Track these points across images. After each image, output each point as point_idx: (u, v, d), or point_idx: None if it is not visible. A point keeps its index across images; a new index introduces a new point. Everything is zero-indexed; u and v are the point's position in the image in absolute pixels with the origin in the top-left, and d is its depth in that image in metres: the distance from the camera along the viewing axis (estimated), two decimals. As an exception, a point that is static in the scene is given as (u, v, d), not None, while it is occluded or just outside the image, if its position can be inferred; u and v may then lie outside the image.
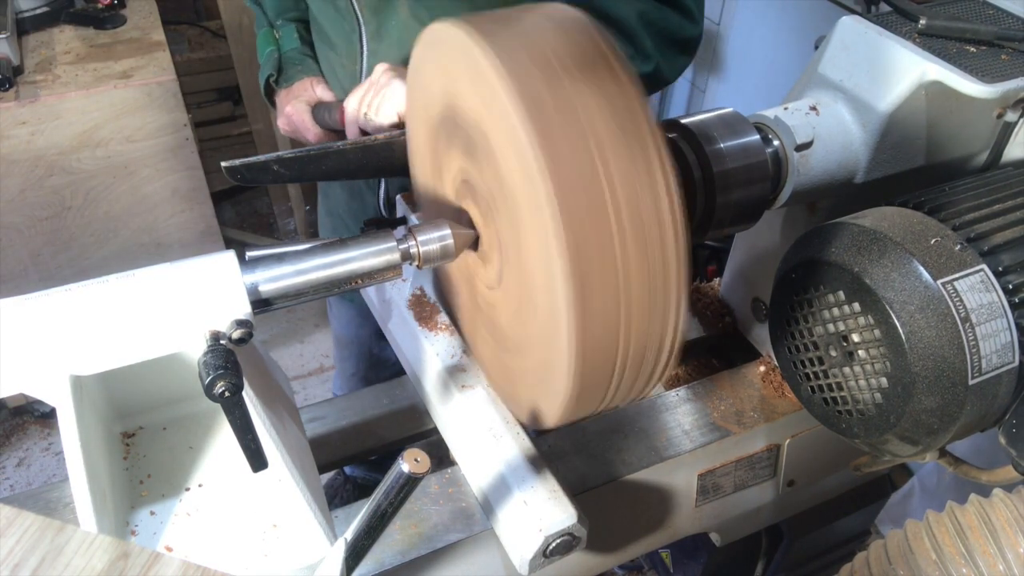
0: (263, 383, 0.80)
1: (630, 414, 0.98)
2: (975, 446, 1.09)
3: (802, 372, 0.83)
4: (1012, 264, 0.73)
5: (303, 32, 1.40)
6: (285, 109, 1.29)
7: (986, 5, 0.94)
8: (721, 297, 1.16)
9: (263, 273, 0.68)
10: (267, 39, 1.39)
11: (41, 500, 0.88)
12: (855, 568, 0.73)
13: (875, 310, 0.72)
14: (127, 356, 0.65)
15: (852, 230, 0.75)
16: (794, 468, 1.04)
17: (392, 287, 1.02)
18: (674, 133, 0.82)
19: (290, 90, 1.32)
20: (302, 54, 1.37)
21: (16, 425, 2.49)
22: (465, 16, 0.67)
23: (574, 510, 0.78)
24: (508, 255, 0.72)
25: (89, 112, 1.90)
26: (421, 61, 0.78)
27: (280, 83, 1.35)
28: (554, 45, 0.63)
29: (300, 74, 1.34)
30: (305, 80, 1.32)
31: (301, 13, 1.41)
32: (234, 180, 0.84)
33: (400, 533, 0.85)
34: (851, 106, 0.86)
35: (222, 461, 0.82)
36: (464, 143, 0.73)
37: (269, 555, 0.76)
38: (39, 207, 1.97)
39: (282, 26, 1.40)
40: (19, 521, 0.49)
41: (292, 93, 1.31)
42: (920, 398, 0.70)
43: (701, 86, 2.85)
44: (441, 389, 0.92)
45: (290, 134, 1.32)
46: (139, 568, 0.47)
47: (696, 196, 0.80)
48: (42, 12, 2.05)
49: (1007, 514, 0.64)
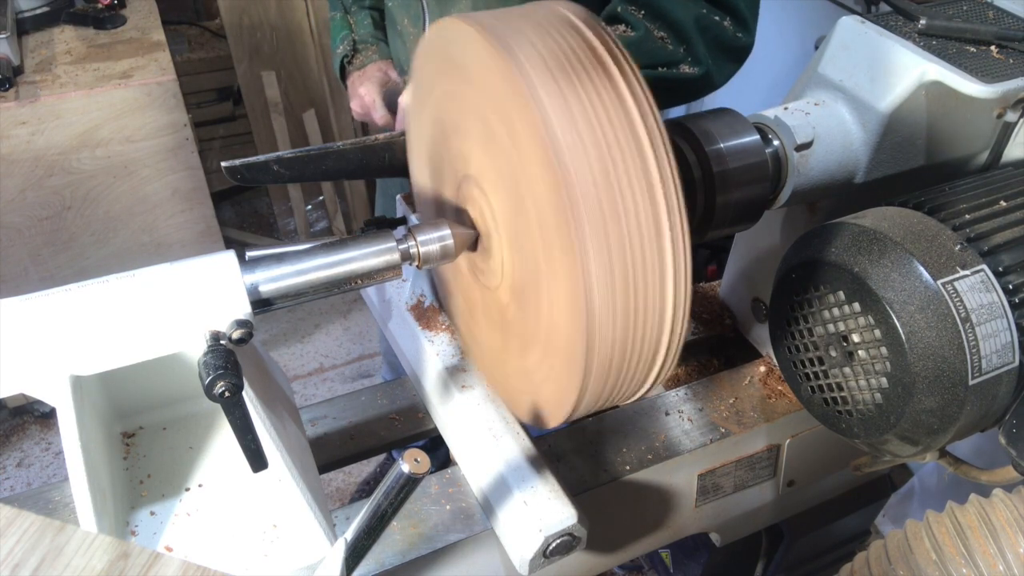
0: (263, 383, 0.80)
1: (630, 414, 0.98)
2: (975, 446, 1.09)
3: (802, 372, 0.83)
4: (1012, 264, 0.73)
5: (377, 18, 1.46)
6: (358, 90, 1.34)
7: (986, 5, 0.94)
8: (721, 298, 1.16)
9: (263, 273, 0.68)
10: (342, 23, 1.46)
11: (41, 500, 0.88)
12: (855, 568, 0.73)
13: (875, 310, 0.72)
14: (127, 356, 0.65)
15: (852, 230, 0.75)
16: (794, 468, 1.04)
17: (392, 287, 1.02)
18: (674, 133, 0.82)
19: (363, 72, 1.38)
20: (375, 38, 1.43)
21: (16, 425, 2.49)
22: (469, 13, 0.67)
23: (574, 510, 0.78)
24: (509, 255, 0.72)
25: (89, 112, 1.90)
26: (424, 59, 0.78)
27: (354, 66, 1.40)
28: (559, 41, 0.63)
29: (373, 57, 1.40)
30: (378, 63, 1.39)
31: (376, 1, 1.46)
32: (234, 180, 0.84)
33: (400, 533, 0.85)
34: (851, 106, 0.86)
35: (222, 461, 0.82)
36: (465, 142, 0.73)
37: (269, 555, 0.76)
38: (39, 207, 1.97)
39: (356, 11, 1.47)
40: (19, 521, 0.49)
41: (365, 75, 1.37)
42: (920, 398, 0.70)
43: (701, 86, 2.84)
44: (441, 389, 0.92)
45: (361, 116, 1.36)
46: (139, 568, 0.47)
47: (696, 196, 0.80)
48: (42, 12, 2.05)
49: (1007, 514, 0.64)
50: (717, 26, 1.14)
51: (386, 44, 1.44)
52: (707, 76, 1.15)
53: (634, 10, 1.12)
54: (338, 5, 1.49)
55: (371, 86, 1.33)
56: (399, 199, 1.05)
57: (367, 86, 1.33)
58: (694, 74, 1.12)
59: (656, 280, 0.62)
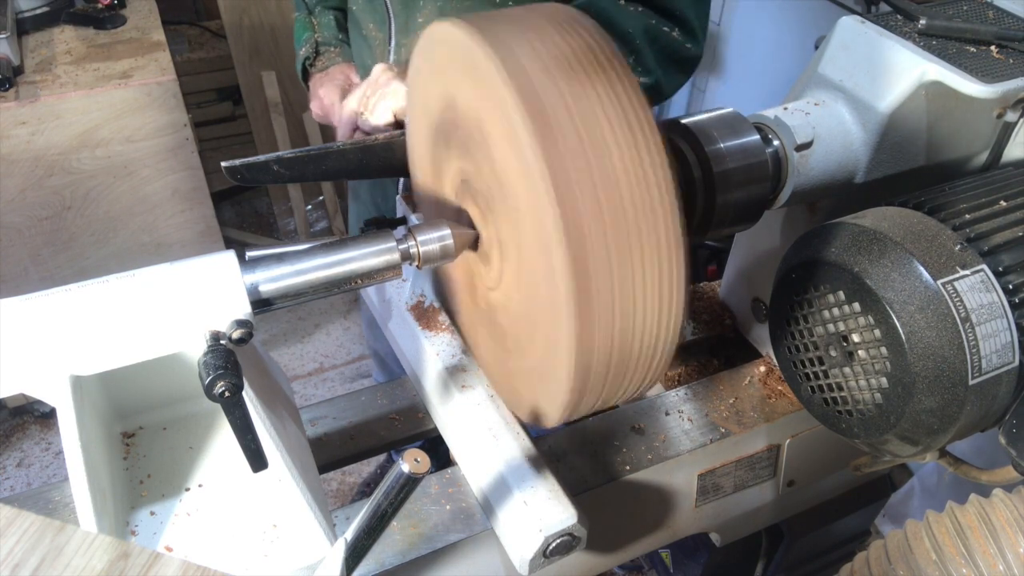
0: (263, 383, 0.80)
1: (630, 414, 0.98)
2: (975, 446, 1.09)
3: (802, 372, 0.83)
4: (1012, 264, 0.73)
5: (341, 20, 1.45)
6: (318, 92, 1.33)
7: (986, 5, 0.94)
8: (721, 298, 1.16)
9: (263, 273, 0.68)
10: (305, 25, 1.45)
11: (41, 500, 0.88)
12: (855, 568, 0.73)
13: (875, 310, 0.72)
14: (127, 356, 0.65)
15: (852, 230, 0.75)
16: (794, 468, 1.04)
17: (392, 287, 1.02)
18: (674, 133, 0.82)
19: (325, 74, 1.37)
20: (339, 40, 1.42)
21: (16, 425, 2.49)
22: (465, 15, 0.67)
23: (574, 510, 0.78)
24: (508, 255, 0.72)
25: (89, 112, 1.90)
26: (421, 61, 0.78)
27: (316, 68, 1.40)
28: (553, 44, 0.63)
29: (336, 60, 1.39)
30: (341, 66, 1.38)
31: (340, 2, 1.45)
32: (234, 180, 0.84)
33: (400, 533, 0.85)
34: (851, 106, 0.86)
35: (222, 461, 0.82)
36: (464, 143, 0.73)
37: (269, 555, 0.76)
38: (39, 207, 1.97)
39: (320, 13, 1.46)
40: (19, 521, 0.49)
41: (327, 77, 1.36)
42: (920, 398, 0.70)
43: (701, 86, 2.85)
44: (441, 389, 0.92)
45: (321, 119, 1.35)
46: (139, 568, 0.47)
47: (696, 196, 0.80)
48: (42, 12, 2.06)
49: (1007, 514, 0.64)
50: (666, 36, 1.14)
51: (349, 47, 1.43)
52: (657, 86, 1.16)
53: None
54: (302, 6, 1.48)
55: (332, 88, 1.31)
56: (399, 199, 1.05)
57: (327, 87, 1.31)
58: (644, 84, 1.12)
59: (652, 279, 0.62)
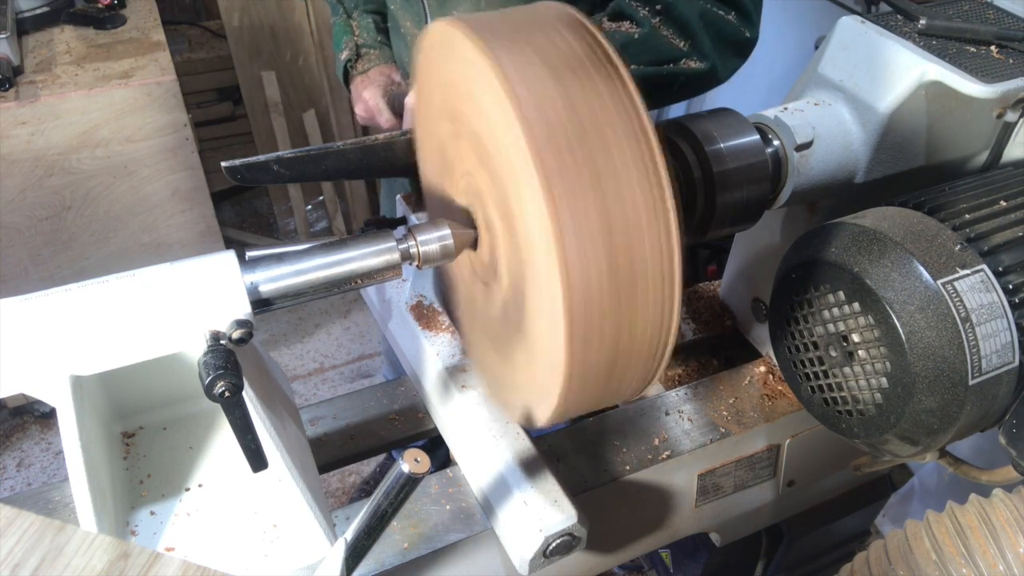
0: (263, 383, 0.80)
1: (630, 414, 0.98)
2: (975, 446, 1.09)
3: (802, 372, 0.83)
4: (1012, 264, 0.73)
5: (379, 22, 1.46)
6: (363, 95, 1.34)
7: (986, 5, 0.94)
8: (721, 298, 1.16)
9: (263, 273, 0.68)
10: (344, 28, 1.46)
11: (41, 500, 0.88)
12: (855, 568, 0.73)
13: (875, 310, 0.72)
14: (127, 356, 0.65)
15: (852, 230, 0.75)
16: (794, 468, 1.04)
17: (392, 287, 1.02)
18: (674, 133, 0.82)
19: (366, 76, 1.38)
20: (378, 43, 1.43)
21: (16, 425, 2.49)
22: (465, 15, 0.67)
23: (574, 510, 0.78)
24: (507, 254, 0.72)
25: (89, 112, 1.90)
26: (427, 59, 0.78)
27: (357, 70, 1.41)
28: (553, 43, 0.63)
29: (376, 61, 1.40)
30: (381, 67, 1.39)
31: (378, 5, 1.47)
32: (234, 180, 0.84)
33: (400, 533, 0.85)
34: (851, 106, 0.86)
35: (222, 461, 0.82)
36: (467, 143, 0.73)
37: (269, 555, 0.76)
38: (39, 207, 1.97)
39: (359, 16, 1.47)
40: (19, 521, 0.49)
41: (369, 79, 1.37)
42: (920, 398, 0.70)
43: (701, 86, 2.84)
44: (441, 389, 0.92)
45: (366, 120, 1.37)
46: (139, 568, 0.47)
47: (696, 196, 0.80)
48: (42, 12, 2.05)
49: (1007, 514, 0.64)
50: (722, 20, 1.14)
51: (389, 48, 1.44)
52: (713, 71, 1.16)
53: (639, 6, 1.12)
54: (340, 10, 1.50)
55: (375, 90, 1.33)
56: (399, 199, 1.05)
57: (371, 90, 1.33)
58: (700, 69, 1.13)
59: (649, 281, 0.62)
